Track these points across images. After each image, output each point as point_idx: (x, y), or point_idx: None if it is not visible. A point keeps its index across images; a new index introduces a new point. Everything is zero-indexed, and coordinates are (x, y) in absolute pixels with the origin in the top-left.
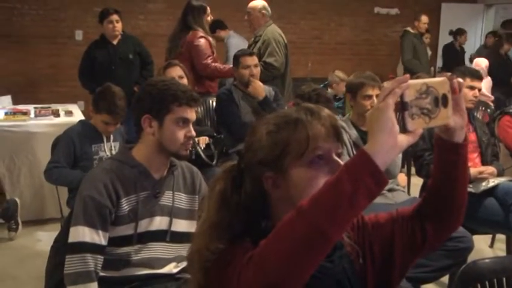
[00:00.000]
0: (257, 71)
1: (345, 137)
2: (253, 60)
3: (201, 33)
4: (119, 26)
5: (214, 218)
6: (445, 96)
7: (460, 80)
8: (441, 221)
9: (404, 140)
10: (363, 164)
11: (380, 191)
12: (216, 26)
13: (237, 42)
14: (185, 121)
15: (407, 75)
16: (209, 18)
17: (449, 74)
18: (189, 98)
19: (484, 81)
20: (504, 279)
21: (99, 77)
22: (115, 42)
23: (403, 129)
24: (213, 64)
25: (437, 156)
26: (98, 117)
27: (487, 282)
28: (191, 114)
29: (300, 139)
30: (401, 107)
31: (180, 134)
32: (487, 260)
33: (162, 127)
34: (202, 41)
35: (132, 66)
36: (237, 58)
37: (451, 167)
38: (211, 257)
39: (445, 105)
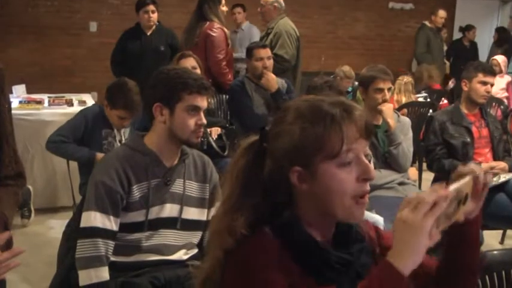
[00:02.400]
0: (270, 63)
1: None
2: (266, 52)
3: (217, 24)
4: (154, 17)
5: (238, 201)
6: (466, 196)
7: (489, 176)
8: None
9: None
10: (395, 280)
11: None
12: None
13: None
14: (196, 109)
15: (448, 192)
16: (224, 8)
17: (476, 166)
18: (200, 86)
19: (500, 79)
20: None
21: (130, 66)
22: (149, 32)
23: None
24: (223, 63)
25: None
26: (114, 112)
27: (495, 274)
28: (202, 102)
29: (334, 140)
30: None
31: (191, 122)
32: (495, 252)
33: (173, 115)
34: (218, 32)
35: (163, 58)
36: (250, 50)
37: (462, 239)
38: (233, 242)
39: (464, 203)
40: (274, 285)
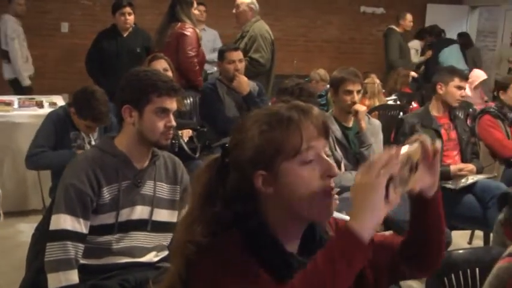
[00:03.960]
0: (242, 66)
1: None
2: (238, 55)
3: (189, 24)
4: (130, 19)
5: (199, 212)
6: (417, 163)
7: (438, 145)
8: (420, 262)
9: (384, 211)
10: (353, 244)
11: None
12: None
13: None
14: (165, 111)
15: (399, 151)
16: (196, 11)
17: (420, 137)
18: (169, 88)
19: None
20: (477, 269)
21: (105, 67)
22: (125, 34)
23: (385, 200)
24: (194, 60)
25: (411, 209)
26: (82, 122)
27: (460, 273)
28: (171, 105)
29: (293, 140)
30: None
31: (160, 124)
32: (461, 251)
33: (142, 117)
34: (191, 31)
35: (139, 60)
36: (222, 53)
37: (423, 218)
38: (195, 250)
39: (416, 169)
40: None
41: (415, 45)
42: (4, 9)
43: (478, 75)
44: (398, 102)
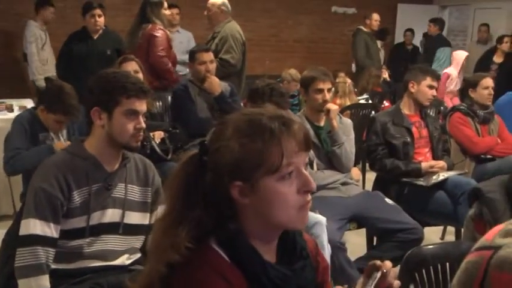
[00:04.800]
0: (213, 66)
1: None
2: (209, 56)
3: (160, 26)
4: (101, 21)
5: (179, 213)
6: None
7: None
8: None
9: None
10: None
11: None
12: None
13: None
14: (134, 113)
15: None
16: (167, 12)
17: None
18: (138, 90)
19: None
20: (448, 264)
21: (76, 69)
22: (95, 36)
23: None
24: (165, 59)
25: None
26: (51, 117)
27: (431, 267)
28: (140, 107)
29: (274, 155)
30: None
31: (130, 126)
32: (431, 246)
33: (112, 119)
34: (161, 32)
35: (110, 62)
36: (193, 54)
37: None
38: (177, 257)
39: None
40: None
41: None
42: (31, 17)
43: (461, 54)
44: (370, 102)
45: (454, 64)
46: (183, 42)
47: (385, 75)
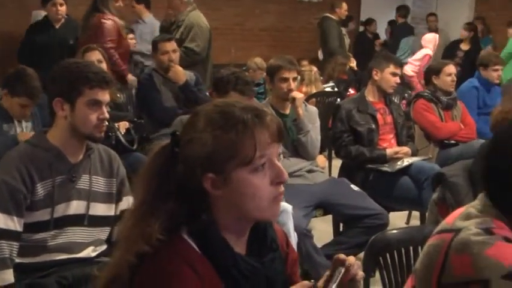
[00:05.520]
0: (176, 56)
1: None
2: (171, 45)
3: (108, 15)
4: (62, 10)
5: (151, 205)
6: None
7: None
8: None
9: None
10: None
11: None
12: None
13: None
14: (97, 103)
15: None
16: (120, 3)
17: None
18: (101, 80)
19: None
20: (411, 248)
21: (37, 59)
22: (57, 25)
23: None
24: (112, 50)
25: None
26: (16, 100)
27: (395, 252)
28: (103, 96)
29: (247, 147)
30: None
31: (93, 117)
32: (395, 231)
33: (74, 110)
34: (108, 22)
35: (72, 52)
36: (155, 44)
37: None
38: (148, 248)
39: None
40: None
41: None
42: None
43: (432, 35)
44: (335, 89)
45: (431, 46)
46: (147, 33)
47: (353, 64)
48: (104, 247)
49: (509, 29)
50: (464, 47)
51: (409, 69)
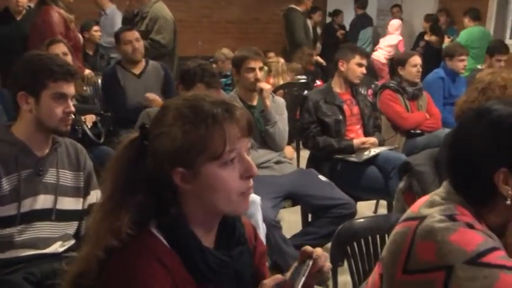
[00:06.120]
0: (139, 45)
1: None
2: (133, 34)
3: (55, 8)
4: (23, 1)
5: (120, 198)
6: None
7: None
8: None
9: None
10: None
11: None
12: None
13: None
14: (62, 96)
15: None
16: None
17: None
18: (65, 73)
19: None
20: (378, 236)
21: None
22: (19, 17)
23: None
24: None
25: None
26: None
27: (362, 240)
28: (68, 90)
29: (216, 141)
30: None
31: (58, 110)
32: (361, 220)
33: (39, 103)
34: (54, 16)
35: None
36: (117, 35)
37: None
38: (116, 242)
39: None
40: (157, 286)
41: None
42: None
43: (396, 22)
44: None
45: (398, 32)
46: (107, 25)
47: (318, 56)
48: (72, 242)
49: (465, 18)
50: (428, 37)
51: (381, 56)
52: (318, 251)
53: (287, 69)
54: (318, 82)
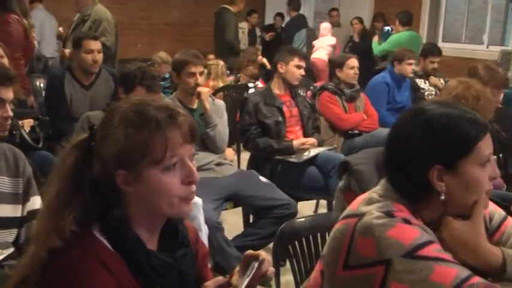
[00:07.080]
0: (100, 57)
1: None
2: (97, 44)
3: (13, 17)
4: None
5: (66, 198)
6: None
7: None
8: None
9: None
10: None
11: None
12: None
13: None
14: (0, 101)
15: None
16: None
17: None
18: (3, 77)
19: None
20: (319, 234)
21: None
22: None
23: None
24: (21, 62)
25: None
26: None
27: (303, 239)
28: (6, 94)
29: (158, 146)
30: None
31: None
32: (303, 219)
33: None
34: (15, 26)
35: None
36: (79, 40)
37: None
38: (60, 243)
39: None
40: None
41: (243, 26)
42: None
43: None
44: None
45: (330, 34)
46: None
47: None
48: (11, 250)
49: (397, 21)
50: (356, 38)
51: (323, 56)
52: (263, 254)
53: (245, 74)
54: (260, 84)
